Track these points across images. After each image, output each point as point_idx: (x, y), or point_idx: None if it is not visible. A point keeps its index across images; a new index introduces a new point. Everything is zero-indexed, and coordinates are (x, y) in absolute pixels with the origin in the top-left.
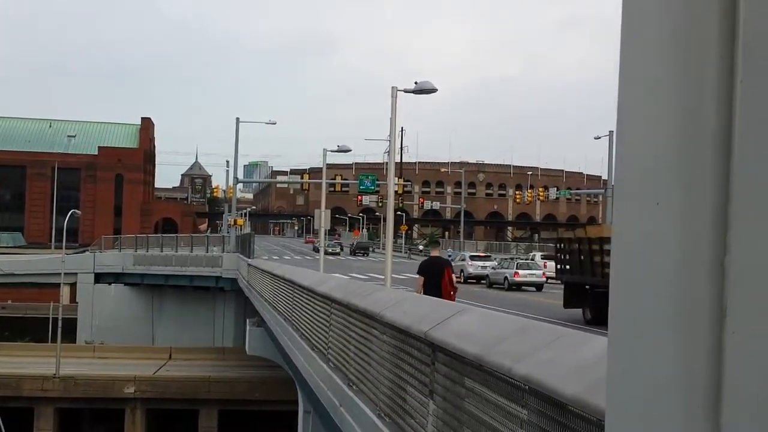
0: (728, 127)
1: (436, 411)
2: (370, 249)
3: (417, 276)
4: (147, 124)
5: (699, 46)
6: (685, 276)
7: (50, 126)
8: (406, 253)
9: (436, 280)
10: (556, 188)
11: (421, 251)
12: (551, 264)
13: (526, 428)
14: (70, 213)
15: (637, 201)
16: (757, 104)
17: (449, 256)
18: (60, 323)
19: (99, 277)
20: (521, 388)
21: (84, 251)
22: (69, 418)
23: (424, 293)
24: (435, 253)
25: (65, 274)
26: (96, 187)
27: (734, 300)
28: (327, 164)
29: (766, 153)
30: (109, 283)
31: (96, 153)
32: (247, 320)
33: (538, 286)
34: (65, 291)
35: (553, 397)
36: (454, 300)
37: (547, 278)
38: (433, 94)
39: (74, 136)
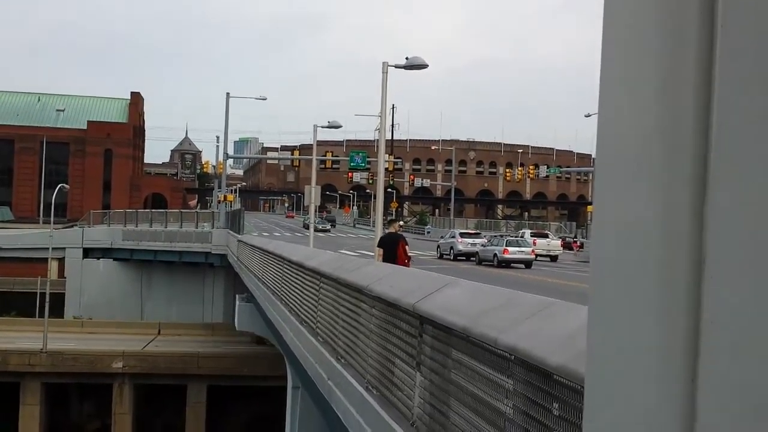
0: (707, 105)
1: (423, 382)
2: (335, 223)
3: (377, 248)
4: (136, 99)
5: (678, 24)
6: (664, 243)
7: (39, 100)
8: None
9: (393, 251)
10: (546, 166)
11: (428, 232)
12: (540, 241)
13: (512, 398)
14: (58, 187)
15: (617, 176)
16: (734, 77)
17: (441, 236)
18: (48, 298)
19: (87, 252)
20: (507, 359)
21: (72, 226)
22: (56, 392)
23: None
24: (392, 229)
25: (53, 249)
26: (85, 162)
27: (713, 263)
28: (317, 141)
29: (745, 134)
30: (98, 258)
31: (85, 127)
32: (237, 296)
33: (527, 264)
34: (53, 266)
35: (538, 366)
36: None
37: (536, 256)
38: (424, 72)
39: (63, 111)
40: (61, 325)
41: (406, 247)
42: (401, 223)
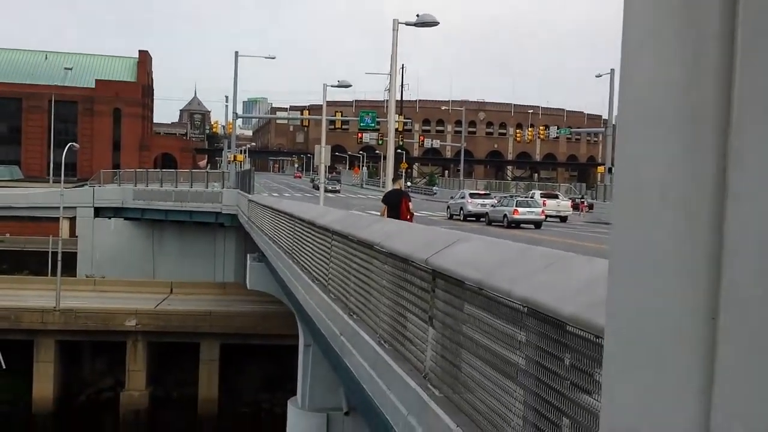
0: (729, 64)
1: (435, 336)
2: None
3: (382, 204)
4: (144, 58)
5: None
6: (686, 192)
7: (46, 58)
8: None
9: (397, 207)
10: (556, 127)
11: (435, 193)
12: (550, 202)
13: (524, 349)
14: (68, 146)
15: (640, 137)
16: (757, 36)
17: (451, 197)
18: (60, 257)
19: (98, 212)
20: (520, 311)
21: (83, 185)
22: (70, 350)
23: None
24: (396, 186)
25: (64, 208)
26: (94, 121)
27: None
28: (327, 101)
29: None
30: (109, 218)
31: (93, 86)
32: (248, 255)
33: (537, 224)
34: (65, 225)
35: (551, 317)
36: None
37: (546, 216)
38: (435, 31)
39: (71, 69)
40: (74, 283)
41: (410, 203)
42: (409, 184)
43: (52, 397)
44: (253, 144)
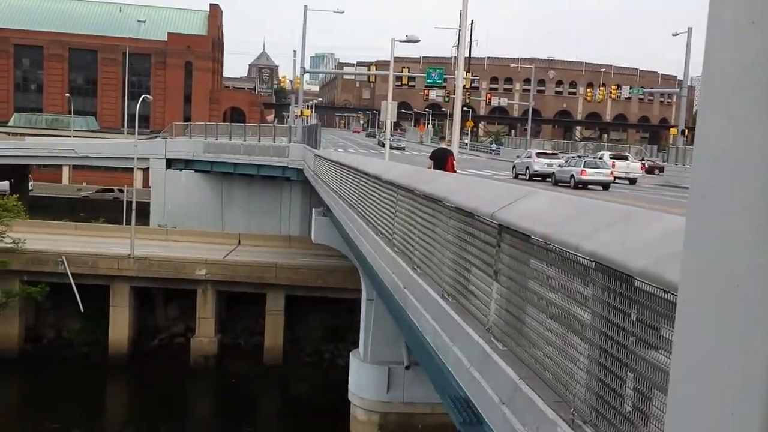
0: None
1: (500, 290)
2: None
3: (429, 160)
4: (215, 12)
5: None
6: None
7: (120, 10)
8: (472, 149)
9: (442, 163)
10: (628, 87)
11: (494, 150)
12: (620, 164)
13: (591, 304)
14: (141, 98)
15: (726, 102)
16: None
17: (517, 156)
18: (134, 206)
19: (170, 163)
20: (587, 266)
21: (155, 137)
22: (143, 296)
23: None
24: (442, 144)
25: (138, 159)
26: (166, 74)
27: None
28: (395, 57)
29: None
30: (180, 169)
31: (165, 39)
32: (313, 209)
33: (605, 186)
34: (138, 175)
35: (620, 271)
36: None
37: (615, 178)
38: None
39: (144, 22)
40: (147, 232)
41: (454, 161)
42: (466, 142)
43: (126, 340)
44: (320, 99)
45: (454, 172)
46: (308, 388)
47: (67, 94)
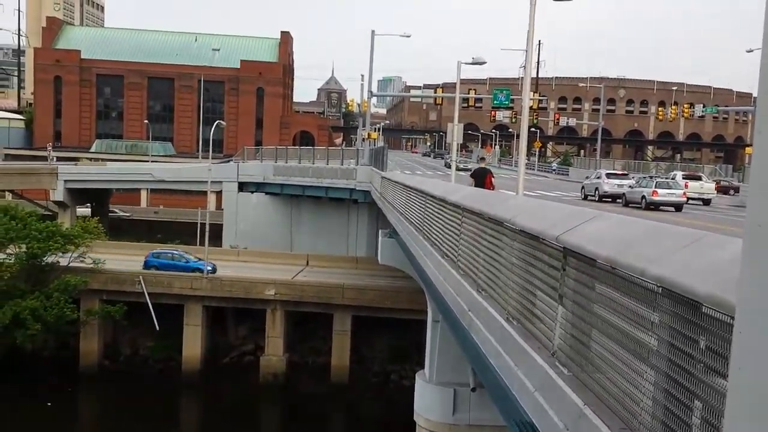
0: None
1: (565, 315)
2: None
3: (470, 178)
4: (286, 38)
5: None
6: None
7: (196, 40)
8: (539, 170)
9: (482, 181)
10: (702, 105)
11: (554, 170)
12: (693, 184)
13: (657, 330)
14: (215, 124)
15: None
16: None
17: (586, 177)
18: (207, 228)
19: (242, 186)
20: (654, 291)
21: (228, 161)
22: (215, 315)
23: None
24: (482, 164)
25: (211, 182)
26: (238, 100)
27: None
28: (461, 79)
29: None
30: (251, 192)
31: (238, 67)
32: (380, 231)
33: (678, 207)
34: (212, 198)
35: (686, 297)
36: None
37: (688, 199)
38: (574, 4)
39: (218, 50)
40: (219, 253)
41: (493, 179)
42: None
43: (199, 358)
44: (387, 122)
45: (493, 189)
46: (374, 407)
47: (146, 121)
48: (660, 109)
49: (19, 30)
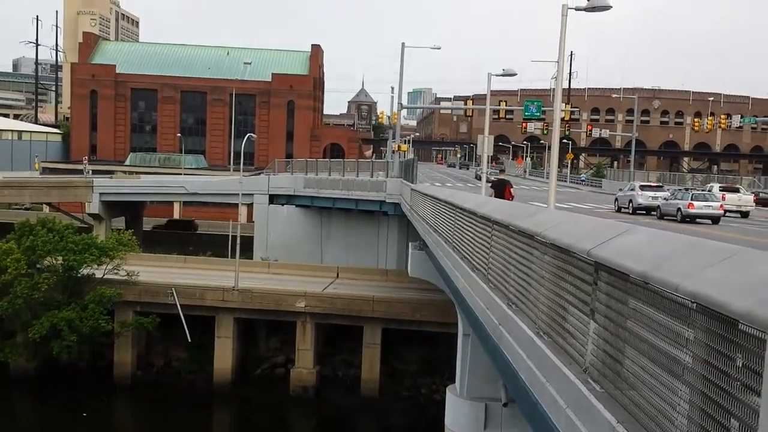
0: None
1: (597, 330)
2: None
3: (489, 189)
4: (316, 52)
5: None
6: None
7: (228, 54)
8: (572, 182)
9: (501, 192)
10: (740, 116)
11: (583, 181)
12: (730, 196)
13: (692, 347)
14: (246, 137)
15: None
16: None
17: (620, 189)
18: (238, 240)
19: (273, 199)
20: (688, 306)
21: (259, 173)
22: (246, 327)
23: None
24: (501, 176)
25: (243, 194)
26: (270, 113)
27: None
28: (491, 90)
29: None
30: (282, 204)
31: (269, 80)
32: (410, 244)
33: (715, 219)
34: (243, 210)
35: (722, 313)
36: None
37: (725, 211)
38: (607, 15)
39: (250, 64)
40: (250, 265)
41: (512, 189)
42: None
43: (230, 369)
44: (417, 134)
45: (512, 199)
46: (404, 421)
47: (179, 134)
48: (696, 119)
49: (57, 45)
